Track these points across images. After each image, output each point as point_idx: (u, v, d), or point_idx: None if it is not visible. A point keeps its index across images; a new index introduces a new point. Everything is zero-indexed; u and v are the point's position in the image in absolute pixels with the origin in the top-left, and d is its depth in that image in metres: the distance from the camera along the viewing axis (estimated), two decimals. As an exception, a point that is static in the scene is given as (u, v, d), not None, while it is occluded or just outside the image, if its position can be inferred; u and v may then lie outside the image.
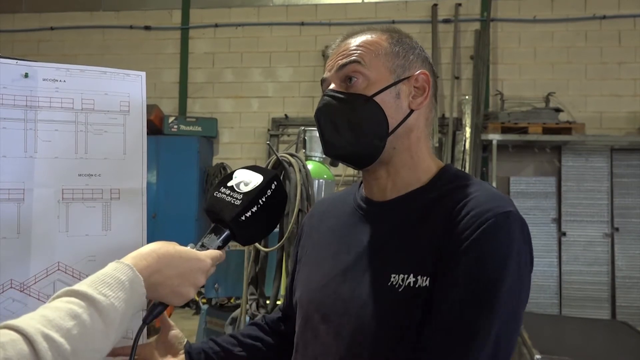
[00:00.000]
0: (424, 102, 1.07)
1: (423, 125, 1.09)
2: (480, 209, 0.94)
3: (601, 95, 6.65)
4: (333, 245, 1.12)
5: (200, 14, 7.57)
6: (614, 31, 6.67)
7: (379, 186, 1.09)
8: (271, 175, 1.04)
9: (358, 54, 1.04)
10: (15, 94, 1.10)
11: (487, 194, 0.99)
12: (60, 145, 1.13)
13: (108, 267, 0.84)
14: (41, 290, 1.09)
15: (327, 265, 1.11)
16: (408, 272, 0.97)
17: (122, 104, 1.19)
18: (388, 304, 0.98)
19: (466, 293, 0.90)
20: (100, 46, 7.68)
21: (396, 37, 1.09)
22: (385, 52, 1.05)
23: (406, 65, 1.06)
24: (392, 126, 1.03)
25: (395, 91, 1.04)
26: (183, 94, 7.52)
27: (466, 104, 6.63)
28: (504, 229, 0.93)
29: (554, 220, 6.48)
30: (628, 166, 6.44)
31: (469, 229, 0.93)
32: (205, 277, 0.95)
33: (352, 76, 1.04)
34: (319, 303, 1.08)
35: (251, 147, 7.35)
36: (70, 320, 0.72)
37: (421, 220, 1.01)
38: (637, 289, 6.29)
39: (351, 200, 1.17)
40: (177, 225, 6.63)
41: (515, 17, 6.87)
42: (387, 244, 1.04)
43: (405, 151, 1.06)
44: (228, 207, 0.98)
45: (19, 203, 1.08)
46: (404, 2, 7.12)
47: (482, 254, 0.91)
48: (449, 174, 1.08)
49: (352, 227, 1.11)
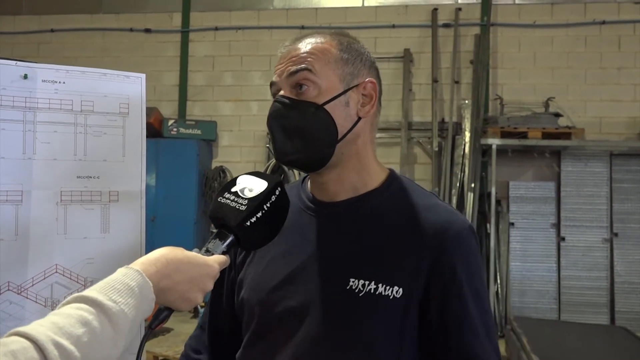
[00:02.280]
0: (371, 110, 1.09)
1: (369, 131, 1.12)
2: (455, 227, 1.05)
3: (601, 101, 6.66)
4: (281, 245, 1.11)
5: (200, 17, 7.57)
6: (613, 36, 6.68)
7: (328, 189, 1.12)
8: (275, 182, 1.03)
9: (308, 61, 1.05)
10: (14, 95, 1.09)
11: (445, 208, 1.10)
12: (59, 147, 1.12)
13: (117, 272, 0.83)
14: (39, 292, 1.09)
15: (276, 265, 1.11)
16: (369, 278, 1.01)
17: (122, 106, 1.18)
18: (346, 307, 1.01)
19: (474, 305, 1.02)
20: (101, 49, 7.68)
21: (345, 42, 1.10)
22: (335, 59, 1.07)
23: (355, 73, 1.08)
24: (342, 134, 1.06)
25: (345, 99, 1.06)
26: (183, 96, 7.52)
27: (466, 108, 6.63)
28: (472, 241, 1.06)
29: (553, 225, 6.47)
30: (627, 171, 6.44)
31: (453, 249, 1.03)
32: (212, 283, 0.94)
33: (303, 84, 1.05)
34: (273, 304, 1.08)
35: (250, 150, 7.35)
36: (80, 328, 0.72)
37: (379, 225, 1.06)
38: (636, 294, 6.27)
39: (295, 199, 1.16)
40: (176, 228, 6.61)
41: (515, 22, 6.88)
42: (342, 246, 1.06)
43: (353, 156, 1.09)
44: (233, 213, 0.98)
45: (17, 205, 1.08)
46: (404, 6, 7.13)
47: (467, 269, 1.03)
48: (399, 180, 1.14)
49: (300, 227, 1.12)
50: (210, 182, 7.07)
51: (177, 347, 4.66)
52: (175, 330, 5.45)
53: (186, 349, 1.30)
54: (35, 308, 1.08)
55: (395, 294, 0.99)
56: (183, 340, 1.20)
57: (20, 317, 1.07)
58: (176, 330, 5.44)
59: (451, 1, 7.06)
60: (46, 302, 1.09)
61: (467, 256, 1.04)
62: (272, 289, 1.09)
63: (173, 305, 0.91)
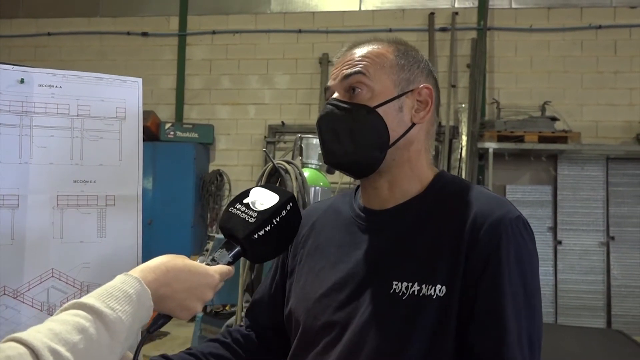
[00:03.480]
0: (426, 116, 1.07)
1: (424, 139, 1.10)
2: (493, 217, 0.97)
3: (597, 105, 6.68)
4: (332, 256, 1.11)
5: (197, 20, 7.58)
6: (609, 41, 6.71)
7: (378, 196, 1.09)
8: (288, 197, 1.03)
9: (363, 65, 1.04)
10: (10, 100, 1.09)
11: (489, 198, 1.02)
12: (55, 152, 1.12)
13: (116, 279, 0.83)
14: (35, 297, 1.08)
15: (325, 275, 1.10)
16: (412, 280, 0.97)
17: (119, 110, 1.18)
18: (391, 311, 0.97)
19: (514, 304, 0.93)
20: (98, 52, 7.68)
21: (402, 49, 1.09)
22: (390, 64, 1.06)
23: (410, 79, 1.07)
24: (393, 139, 1.04)
25: (399, 104, 1.05)
26: (180, 100, 7.52)
27: (463, 112, 6.64)
28: (516, 232, 0.96)
29: (549, 228, 6.48)
30: (624, 175, 6.46)
31: (488, 239, 0.95)
32: (213, 293, 0.94)
33: (356, 87, 1.04)
34: (318, 313, 1.07)
35: (248, 154, 7.35)
36: (77, 334, 0.71)
37: (422, 228, 1.02)
38: (632, 297, 6.29)
39: (347, 209, 1.16)
40: (173, 231, 6.61)
41: (511, 26, 6.90)
42: (387, 252, 1.03)
43: (405, 163, 1.07)
44: (242, 224, 0.98)
45: (13, 209, 1.08)
46: (401, 10, 7.15)
47: (506, 263, 0.94)
48: (445, 179, 1.10)
49: (351, 237, 1.10)
50: (207, 185, 7.07)
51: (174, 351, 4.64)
52: (172, 334, 5.44)
53: (224, 336, 1.27)
54: (31, 312, 1.08)
55: (439, 293, 0.94)
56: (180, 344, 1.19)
57: (16, 322, 1.06)
58: (173, 334, 5.44)
59: (448, 5, 7.09)
60: (42, 306, 1.09)
61: (507, 248, 0.94)
62: (318, 297, 1.08)
63: (172, 313, 0.90)
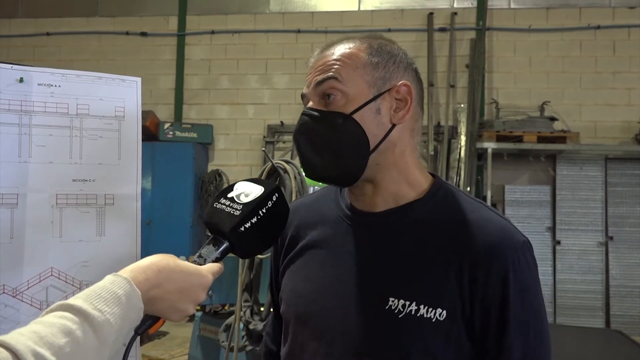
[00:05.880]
0: (406, 115, 1.00)
1: (408, 138, 1.03)
2: (500, 245, 0.94)
3: (596, 105, 6.69)
4: (320, 256, 1.06)
5: (196, 20, 7.57)
6: (608, 41, 6.72)
7: (367, 199, 1.04)
8: (272, 187, 1.01)
9: (335, 69, 0.98)
10: (10, 99, 1.09)
11: (494, 221, 0.98)
12: (54, 150, 1.12)
13: (105, 280, 0.80)
14: (34, 295, 1.09)
15: (314, 276, 1.05)
16: (410, 299, 0.93)
17: (118, 109, 1.18)
18: (385, 328, 0.94)
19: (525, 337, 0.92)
20: (97, 52, 7.68)
21: (376, 45, 1.02)
22: (363, 64, 0.99)
23: (386, 77, 1.00)
24: (374, 143, 0.98)
25: (376, 106, 0.98)
26: (179, 100, 7.52)
27: (461, 112, 6.65)
28: (528, 262, 0.95)
29: (548, 228, 6.49)
30: (622, 175, 6.47)
31: (496, 271, 0.92)
32: (205, 294, 0.91)
33: (330, 93, 0.98)
34: (308, 318, 1.03)
35: (247, 153, 7.35)
36: (62, 337, 0.69)
37: (420, 242, 0.97)
38: (631, 297, 6.29)
39: (332, 206, 1.11)
40: (171, 231, 6.60)
41: (510, 26, 6.91)
42: (381, 261, 0.99)
43: (390, 166, 1.01)
44: (227, 218, 0.96)
45: (12, 208, 1.08)
46: (400, 11, 7.15)
47: (516, 294, 0.92)
48: (443, 189, 1.04)
49: (339, 237, 1.05)
50: (206, 185, 7.06)
51: (173, 351, 4.65)
52: (170, 334, 5.44)
53: (265, 341, 1.26)
54: (30, 311, 1.08)
55: (439, 317, 0.91)
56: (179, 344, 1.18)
57: (15, 320, 1.06)
58: (172, 334, 5.43)
59: (447, 6, 7.09)
60: (41, 305, 1.09)
61: (515, 279, 0.92)
62: (307, 303, 1.04)
63: (163, 315, 0.87)
